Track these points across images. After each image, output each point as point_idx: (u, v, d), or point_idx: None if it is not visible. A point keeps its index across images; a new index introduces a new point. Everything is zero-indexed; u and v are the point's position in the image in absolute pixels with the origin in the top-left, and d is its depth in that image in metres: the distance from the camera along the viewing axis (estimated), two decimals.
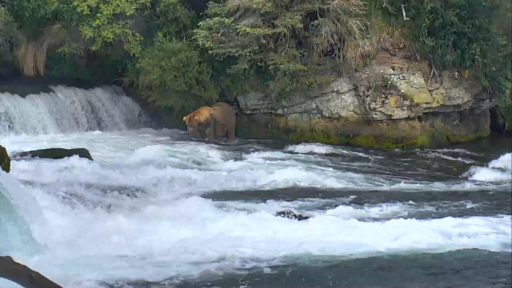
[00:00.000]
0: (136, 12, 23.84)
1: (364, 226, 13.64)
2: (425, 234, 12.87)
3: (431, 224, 13.66)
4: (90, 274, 10.67)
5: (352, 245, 12.34)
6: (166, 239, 12.37)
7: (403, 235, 12.78)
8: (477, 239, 12.75)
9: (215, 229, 13.01)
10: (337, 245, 12.29)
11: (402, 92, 23.20)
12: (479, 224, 13.66)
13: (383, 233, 12.98)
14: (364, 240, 12.63)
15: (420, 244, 12.38)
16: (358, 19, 22.85)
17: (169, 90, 23.69)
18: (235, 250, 11.89)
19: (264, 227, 13.28)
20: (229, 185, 17.27)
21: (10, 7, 25.55)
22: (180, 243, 12.24)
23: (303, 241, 12.48)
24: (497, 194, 16.82)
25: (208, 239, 12.48)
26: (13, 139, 20.79)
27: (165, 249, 11.94)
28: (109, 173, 17.20)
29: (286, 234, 12.91)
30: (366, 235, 12.87)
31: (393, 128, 23.28)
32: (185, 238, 12.45)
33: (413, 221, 13.84)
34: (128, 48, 23.92)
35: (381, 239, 12.62)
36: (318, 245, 12.20)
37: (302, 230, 13.20)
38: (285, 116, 24.11)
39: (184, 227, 13.07)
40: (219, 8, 23.32)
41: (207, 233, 12.81)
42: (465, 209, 15.16)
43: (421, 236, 12.74)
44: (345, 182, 18.15)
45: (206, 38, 22.83)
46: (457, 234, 12.95)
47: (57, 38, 25.50)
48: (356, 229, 13.31)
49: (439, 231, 13.10)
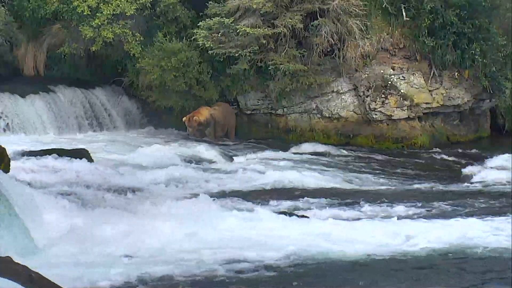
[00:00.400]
0: (136, 12, 23.83)
1: (364, 226, 13.64)
2: (425, 234, 12.86)
3: (431, 224, 13.66)
4: (90, 274, 10.67)
5: (352, 245, 12.33)
6: (167, 239, 12.36)
7: (404, 235, 12.78)
8: (477, 239, 12.73)
9: (216, 229, 13.01)
10: (337, 245, 12.29)
11: (402, 92, 23.20)
12: (479, 224, 13.65)
13: (383, 233, 12.97)
14: (364, 239, 12.62)
15: (421, 244, 12.37)
16: (358, 19, 22.85)
17: (169, 90, 23.69)
18: (237, 250, 11.89)
19: (265, 227, 13.27)
20: (229, 185, 17.26)
21: (10, 7, 25.55)
22: (181, 243, 12.24)
23: (304, 241, 12.47)
24: (497, 194, 16.81)
25: (210, 239, 12.48)
26: (13, 139, 20.77)
27: (166, 249, 11.94)
28: (109, 173, 17.19)
29: (288, 234, 12.90)
30: (366, 235, 12.86)
31: (393, 128, 23.28)
32: (186, 238, 12.45)
33: (413, 221, 13.85)
34: (128, 48, 23.92)
35: (381, 239, 12.62)
36: (319, 245, 12.20)
37: (302, 229, 13.19)
38: (285, 116, 24.12)
39: (185, 227, 13.06)
40: (219, 8, 23.32)
41: (208, 233, 12.80)
42: (465, 209, 15.15)
43: (421, 236, 12.73)
44: (345, 182, 18.16)
45: (206, 38, 22.83)
46: (457, 234, 12.93)
47: (57, 38, 25.49)
48: (356, 229, 13.30)
49: (439, 231, 13.09)
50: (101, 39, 23.64)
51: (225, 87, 24.26)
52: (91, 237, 12.25)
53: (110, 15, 23.56)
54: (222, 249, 11.98)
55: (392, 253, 12.01)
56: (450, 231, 13.12)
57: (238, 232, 12.95)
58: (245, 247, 12.13)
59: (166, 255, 11.74)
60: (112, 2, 23.68)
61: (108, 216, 13.59)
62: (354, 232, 13.11)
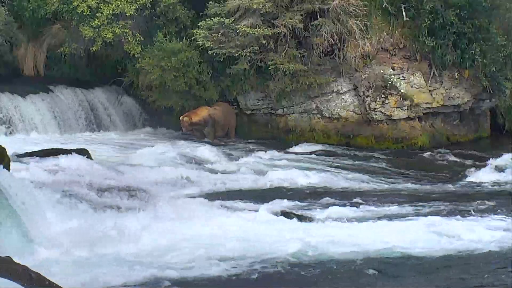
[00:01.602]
0: (136, 12, 23.85)
1: (364, 226, 13.64)
2: (426, 234, 12.86)
3: (431, 224, 13.65)
4: (90, 274, 10.66)
5: (352, 245, 12.33)
6: (168, 239, 12.36)
7: (403, 235, 12.77)
8: (477, 239, 12.73)
9: (216, 229, 13.01)
10: (338, 245, 12.28)
11: (402, 92, 23.20)
12: (479, 224, 13.65)
13: (383, 233, 12.97)
14: (364, 239, 12.62)
15: (420, 245, 12.37)
16: (358, 19, 22.85)
17: (169, 90, 23.69)
18: (237, 250, 11.89)
19: (265, 227, 13.27)
20: (230, 185, 17.25)
21: (10, 7, 25.57)
22: (182, 243, 12.24)
23: (304, 241, 12.46)
24: (497, 194, 16.81)
25: (211, 239, 12.47)
26: (13, 139, 20.80)
27: (167, 249, 11.93)
28: (109, 173, 17.17)
29: (288, 234, 12.90)
30: (366, 235, 12.86)
31: (393, 128, 23.28)
32: (187, 238, 12.45)
33: (414, 221, 13.85)
34: (128, 48, 23.93)
35: (381, 239, 12.61)
36: (319, 245, 12.20)
37: (302, 229, 13.19)
38: (285, 116, 24.13)
39: (186, 227, 13.07)
40: (219, 8, 23.32)
41: (209, 233, 12.80)
42: (465, 209, 15.14)
43: (421, 236, 12.74)
44: (345, 182, 18.14)
45: (206, 38, 22.84)
46: (457, 235, 12.93)
47: (57, 38, 25.50)
48: (356, 229, 13.31)
49: (440, 231, 13.10)
50: (101, 39, 23.66)
51: (225, 87, 24.27)
52: (91, 237, 12.25)
53: (110, 15, 23.58)
54: (222, 249, 11.97)
55: (391, 253, 12.01)
56: (450, 231, 13.11)
57: (238, 232, 12.94)
58: (245, 247, 12.12)
59: (166, 255, 11.74)
60: (112, 2, 23.69)
61: (108, 216, 13.60)
62: (354, 232, 13.11)
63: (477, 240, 12.65)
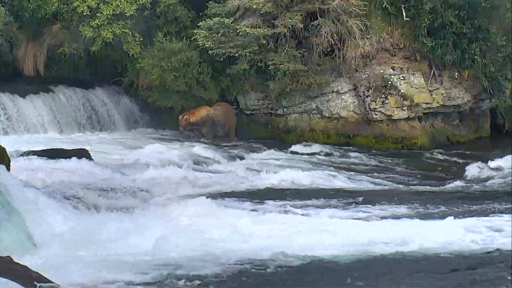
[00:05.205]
0: (136, 13, 23.84)
1: (364, 226, 13.65)
2: (426, 234, 12.86)
3: (431, 224, 13.66)
4: (91, 274, 10.66)
5: (352, 245, 12.34)
6: (168, 239, 12.35)
7: (404, 235, 12.77)
8: (477, 239, 12.73)
9: (216, 229, 13.01)
10: (338, 245, 12.29)
11: (402, 92, 23.20)
12: (479, 224, 13.64)
13: (383, 233, 12.98)
14: (364, 239, 12.62)
15: (421, 245, 12.37)
16: (358, 19, 22.85)
17: (169, 90, 23.70)
18: (237, 250, 11.89)
19: (265, 227, 13.27)
20: (230, 185, 17.26)
21: (10, 7, 25.54)
22: (182, 243, 12.24)
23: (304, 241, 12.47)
24: (497, 194, 16.81)
25: (211, 239, 12.48)
26: (13, 139, 20.78)
27: (168, 249, 11.93)
28: (109, 174, 17.19)
29: (288, 234, 12.90)
30: (366, 235, 12.86)
31: (393, 128, 23.28)
32: (187, 238, 12.44)
33: (414, 222, 13.85)
34: (127, 49, 23.93)
35: (380, 239, 12.62)
36: (320, 245, 12.21)
37: (303, 229, 13.19)
38: (285, 116, 24.13)
39: (186, 227, 13.07)
40: (219, 8, 23.31)
41: (208, 234, 12.80)
42: (465, 209, 15.15)
43: (421, 236, 12.73)
44: (345, 182, 18.16)
45: (206, 38, 22.83)
46: (458, 235, 12.93)
47: (57, 38, 25.49)
48: (356, 229, 13.31)
49: (440, 231, 13.09)
50: (101, 39, 23.66)
51: (225, 87, 24.28)
52: (91, 237, 12.25)
53: (110, 15, 23.58)
54: (222, 249, 11.97)
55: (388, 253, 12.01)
56: (450, 231, 13.11)
57: (238, 232, 12.94)
58: (245, 247, 12.13)
59: (167, 255, 11.74)
60: (112, 2, 23.69)
61: (108, 216, 13.60)
62: (354, 232, 13.11)
63: (477, 240, 12.65)
